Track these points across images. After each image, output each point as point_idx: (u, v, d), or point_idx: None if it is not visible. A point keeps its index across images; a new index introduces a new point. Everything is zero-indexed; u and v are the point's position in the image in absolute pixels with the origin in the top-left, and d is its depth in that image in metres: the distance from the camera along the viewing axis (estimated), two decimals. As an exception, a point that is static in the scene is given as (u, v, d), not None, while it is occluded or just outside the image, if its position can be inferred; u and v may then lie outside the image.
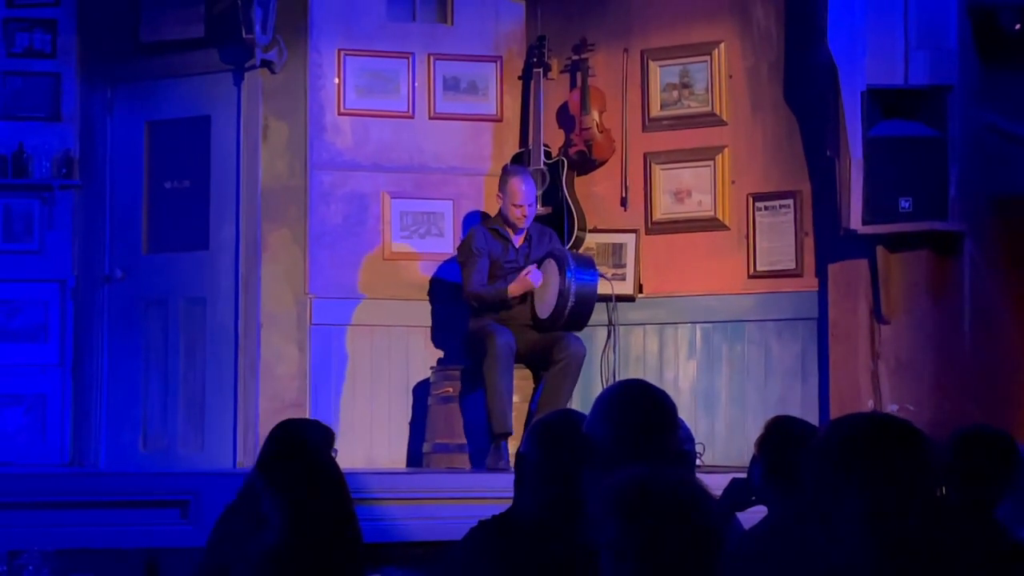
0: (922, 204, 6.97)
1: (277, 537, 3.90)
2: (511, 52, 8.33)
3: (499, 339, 7.33)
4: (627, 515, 2.54)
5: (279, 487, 3.96)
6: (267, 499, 4.01)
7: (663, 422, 3.32)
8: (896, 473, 2.57)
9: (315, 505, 3.94)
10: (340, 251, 8.02)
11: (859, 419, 2.72)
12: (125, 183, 8.31)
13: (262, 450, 4.14)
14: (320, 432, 4.31)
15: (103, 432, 8.24)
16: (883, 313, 7.16)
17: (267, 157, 8.00)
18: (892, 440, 2.62)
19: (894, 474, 2.57)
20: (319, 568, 3.86)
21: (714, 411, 7.81)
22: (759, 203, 7.78)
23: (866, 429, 2.66)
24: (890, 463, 2.58)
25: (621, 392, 3.42)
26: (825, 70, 7.23)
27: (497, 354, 7.30)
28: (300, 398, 7.89)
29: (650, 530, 2.51)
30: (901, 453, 2.60)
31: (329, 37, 8.06)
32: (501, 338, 7.34)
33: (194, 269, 8.12)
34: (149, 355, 8.19)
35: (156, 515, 6.54)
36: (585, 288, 7.46)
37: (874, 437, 2.63)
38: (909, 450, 2.61)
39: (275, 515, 3.95)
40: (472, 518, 3.55)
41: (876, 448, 2.60)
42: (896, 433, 2.64)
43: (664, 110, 8.08)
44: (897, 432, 2.65)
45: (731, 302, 7.84)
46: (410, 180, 8.15)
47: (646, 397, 3.35)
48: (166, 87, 8.24)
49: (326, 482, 4.01)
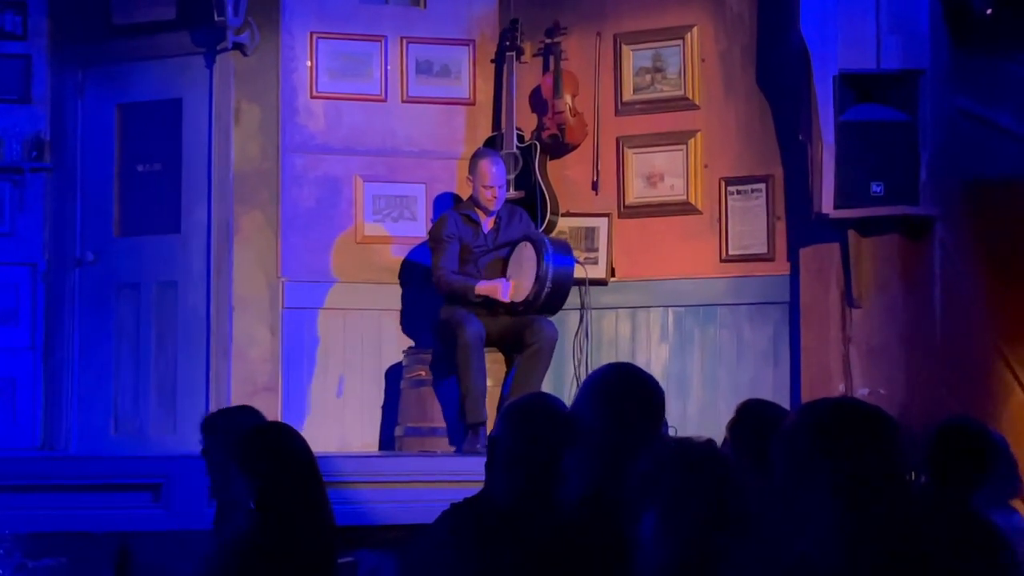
0: (893, 188, 6.99)
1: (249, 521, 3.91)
2: (484, 36, 8.32)
3: (469, 329, 7.32)
4: (689, 469, 2.60)
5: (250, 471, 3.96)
6: (238, 483, 4.01)
7: (652, 407, 3.32)
8: (864, 459, 2.58)
9: (286, 489, 3.94)
10: (312, 234, 8.00)
11: (827, 404, 2.72)
12: (96, 166, 8.27)
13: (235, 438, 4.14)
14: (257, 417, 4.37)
15: (74, 416, 8.21)
16: (854, 297, 7.18)
17: (239, 140, 7.97)
18: (860, 425, 2.63)
19: (862, 460, 2.58)
20: (291, 551, 3.86)
21: (686, 394, 7.83)
22: (731, 187, 7.80)
23: (834, 414, 2.66)
24: (858, 449, 2.58)
25: (612, 375, 3.40)
26: (797, 55, 7.25)
27: (468, 344, 7.30)
28: (272, 381, 7.87)
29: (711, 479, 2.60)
30: (869, 439, 2.61)
31: (301, 20, 8.04)
32: (471, 328, 7.33)
33: (166, 252, 8.09)
34: (121, 338, 8.16)
35: (128, 498, 6.53)
36: (562, 273, 7.46)
37: (842, 423, 2.63)
38: (877, 435, 2.62)
39: (247, 499, 3.95)
40: (444, 501, 3.56)
41: (844, 433, 2.61)
42: (864, 418, 2.65)
43: (637, 94, 8.08)
44: (865, 417, 2.65)
45: (703, 286, 7.85)
46: (383, 163, 8.14)
47: (637, 381, 3.35)
48: (137, 69, 8.20)
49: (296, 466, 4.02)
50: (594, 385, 3.35)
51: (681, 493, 2.61)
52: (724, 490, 2.65)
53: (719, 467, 2.68)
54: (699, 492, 2.61)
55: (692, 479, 2.63)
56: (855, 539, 2.53)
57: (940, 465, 4.16)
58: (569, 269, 7.52)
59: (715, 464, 2.68)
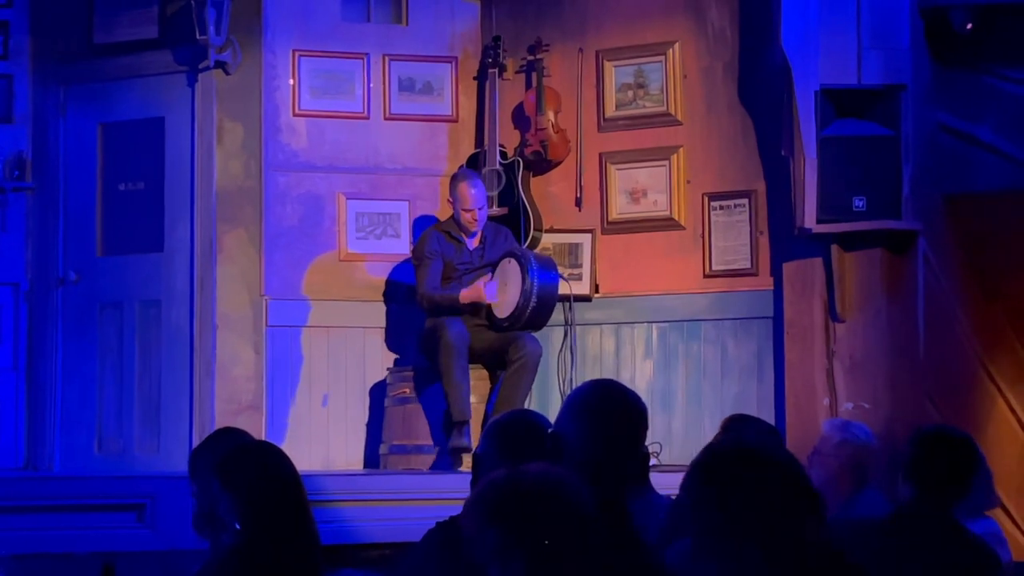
0: (876, 203, 7.00)
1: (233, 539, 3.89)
2: (466, 52, 8.33)
3: (451, 330, 7.32)
4: (504, 518, 2.52)
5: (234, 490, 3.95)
6: (223, 502, 4.00)
7: (636, 423, 3.32)
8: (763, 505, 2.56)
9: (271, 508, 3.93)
10: (296, 252, 8.00)
11: (722, 447, 2.73)
12: (78, 185, 8.26)
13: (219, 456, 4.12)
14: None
15: (58, 435, 8.19)
16: (838, 312, 7.20)
17: (222, 158, 7.97)
18: (745, 468, 2.60)
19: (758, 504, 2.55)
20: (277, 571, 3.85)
21: (671, 410, 7.83)
22: (714, 202, 7.81)
23: (725, 458, 2.65)
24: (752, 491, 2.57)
25: (595, 392, 3.38)
26: (779, 70, 7.27)
27: (450, 344, 7.28)
28: (256, 400, 7.86)
29: (530, 525, 2.50)
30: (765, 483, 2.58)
31: (283, 38, 8.04)
32: (453, 329, 7.33)
33: (149, 271, 8.08)
34: (104, 358, 8.14)
35: (112, 519, 6.50)
36: (546, 289, 7.46)
37: (731, 466, 2.61)
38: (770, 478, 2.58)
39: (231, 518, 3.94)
40: (430, 519, 3.55)
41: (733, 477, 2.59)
42: (749, 461, 2.61)
43: (619, 110, 8.10)
44: (750, 460, 2.62)
45: (687, 301, 7.86)
46: (365, 181, 8.14)
47: (621, 398, 3.34)
48: (119, 88, 8.19)
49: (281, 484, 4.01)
50: (577, 402, 3.34)
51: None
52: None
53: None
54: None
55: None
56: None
57: (923, 474, 4.16)
58: (554, 284, 7.52)
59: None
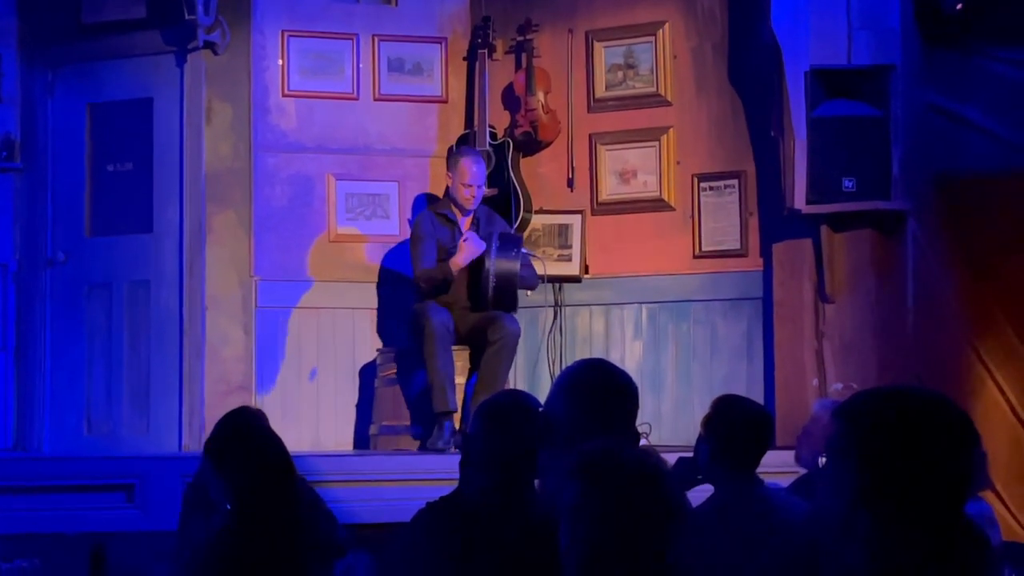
0: (865, 184, 7.01)
1: (225, 521, 3.90)
2: (456, 33, 8.31)
3: (434, 319, 7.30)
4: (589, 478, 2.57)
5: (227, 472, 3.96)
6: (215, 484, 4.01)
7: (627, 403, 3.32)
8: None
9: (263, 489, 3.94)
10: (285, 233, 7.99)
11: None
12: (67, 166, 8.24)
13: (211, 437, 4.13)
14: (261, 416, 4.32)
15: (47, 416, 8.18)
16: (827, 292, 7.21)
17: (211, 139, 7.95)
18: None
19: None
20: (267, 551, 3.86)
21: (660, 391, 7.84)
22: (704, 183, 7.81)
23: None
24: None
25: (585, 372, 3.38)
26: (769, 51, 7.26)
27: (433, 334, 7.27)
28: (246, 381, 7.85)
29: (608, 494, 2.53)
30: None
31: (272, 18, 8.02)
32: (436, 317, 7.31)
33: (138, 252, 8.06)
34: (93, 339, 8.13)
35: (101, 499, 6.51)
36: (504, 267, 7.35)
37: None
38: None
39: (223, 500, 3.94)
40: (419, 499, 3.55)
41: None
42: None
43: (609, 91, 8.09)
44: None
45: (677, 282, 7.87)
46: (355, 162, 8.12)
47: (611, 377, 3.34)
48: (108, 69, 8.16)
49: (273, 467, 4.01)
50: (567, 382, 3.33)
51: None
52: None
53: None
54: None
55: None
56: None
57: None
58: (513, 263, 7.37)
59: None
